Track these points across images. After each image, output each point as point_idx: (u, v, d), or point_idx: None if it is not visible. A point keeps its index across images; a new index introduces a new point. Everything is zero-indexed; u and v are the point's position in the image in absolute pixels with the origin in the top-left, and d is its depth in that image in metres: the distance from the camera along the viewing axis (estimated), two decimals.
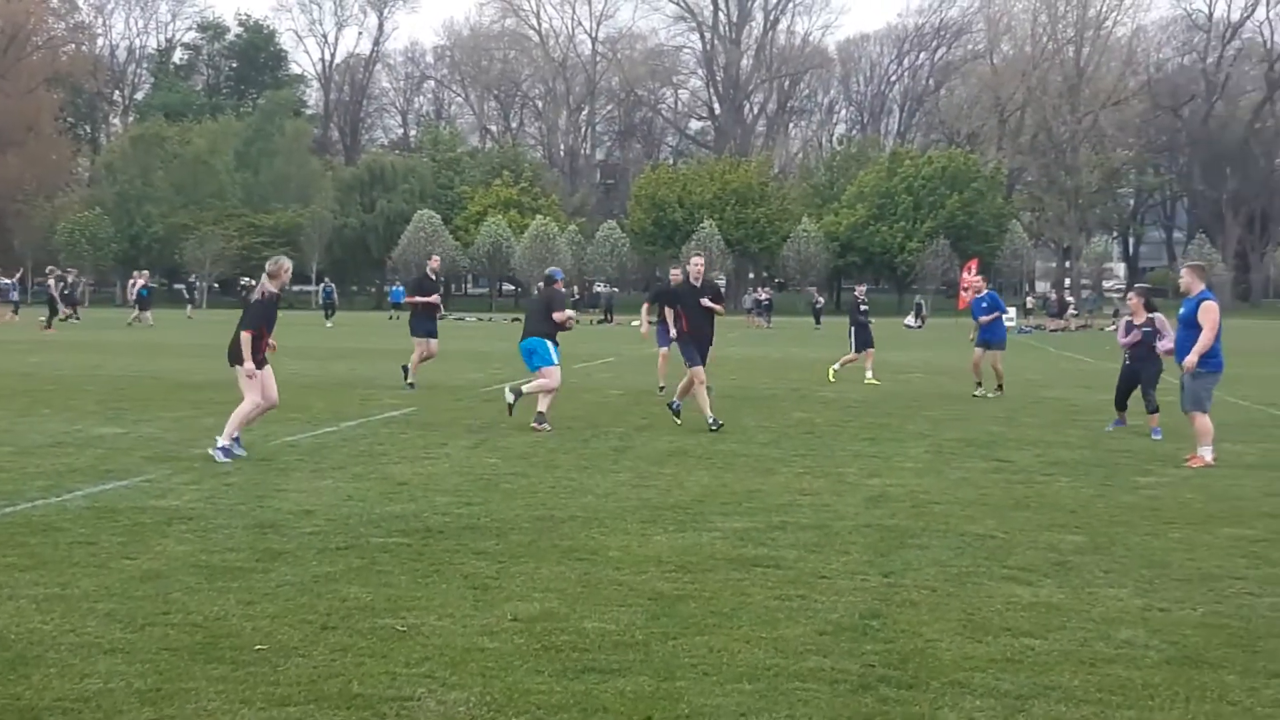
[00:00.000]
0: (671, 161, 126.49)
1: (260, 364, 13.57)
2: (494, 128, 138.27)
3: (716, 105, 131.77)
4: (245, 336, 13.50)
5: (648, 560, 8.60)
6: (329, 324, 59.96)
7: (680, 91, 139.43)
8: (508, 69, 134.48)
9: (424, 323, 22.82)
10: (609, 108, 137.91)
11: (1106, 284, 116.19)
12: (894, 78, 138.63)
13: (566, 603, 7.40)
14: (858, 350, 26.28)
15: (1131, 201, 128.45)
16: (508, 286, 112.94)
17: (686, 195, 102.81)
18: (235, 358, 13.64)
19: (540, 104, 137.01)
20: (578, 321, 19.64)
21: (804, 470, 13.16)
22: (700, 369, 17.03)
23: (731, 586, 7.87)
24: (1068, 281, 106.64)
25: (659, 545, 9.13)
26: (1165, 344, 16.26)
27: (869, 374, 26.02)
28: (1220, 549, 9.30)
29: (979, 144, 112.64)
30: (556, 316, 17.25)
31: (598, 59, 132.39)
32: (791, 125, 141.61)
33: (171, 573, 8.05)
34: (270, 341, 13.87)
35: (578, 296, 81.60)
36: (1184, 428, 15.58)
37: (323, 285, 72.24)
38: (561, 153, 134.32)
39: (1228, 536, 9.78)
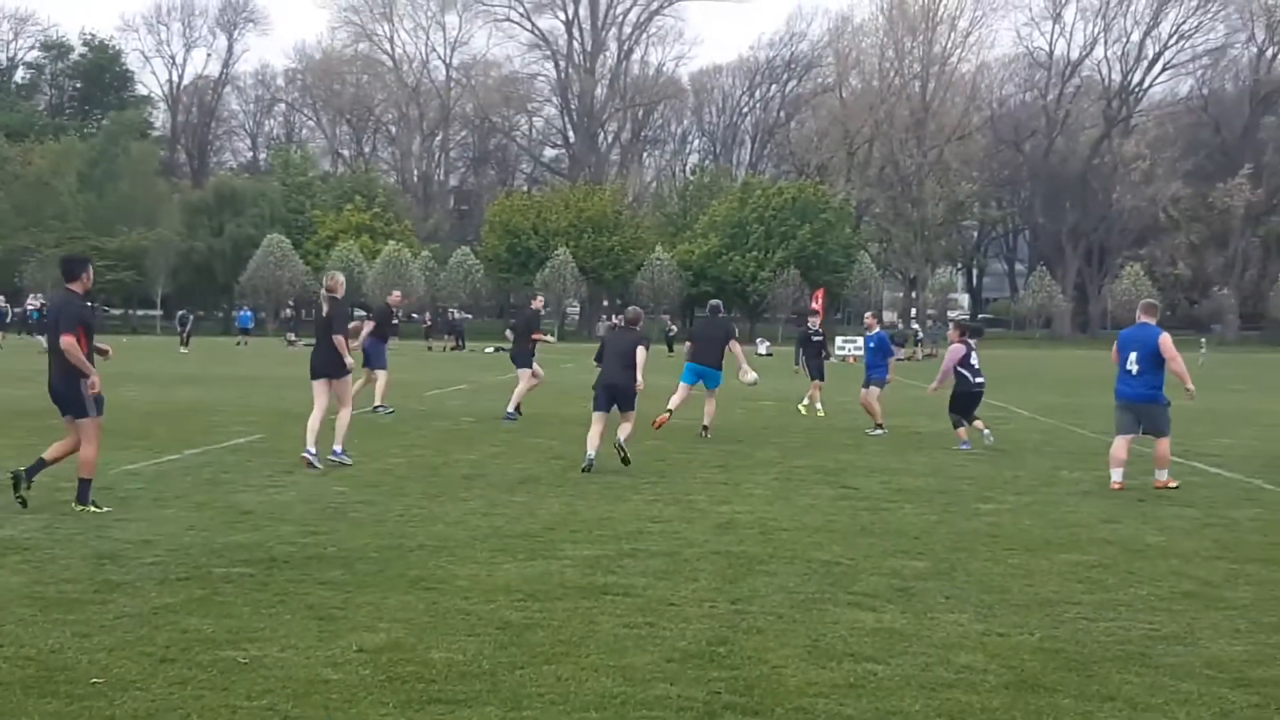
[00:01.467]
0: (526, 188, 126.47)
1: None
2: (346, 152, 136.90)
3: (571, 133, 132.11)
4: (339, 340, 15.26)
5: (497, 589, 8.56)
6: (184, 349, 58.66)
7: (535, 119, 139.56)
8: (360, 93, 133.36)
9: (526, 355, 23.41)
10: (463, 134, 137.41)
11: (951, 314, 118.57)
12: (746, 109, 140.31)
13: (413, 633, 7.34)
14: (814, 378, 25.88)
15: (975, 234, 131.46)
16: (359, 312, 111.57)
17: (541, 222, 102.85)
18: (337, 370, 15.36)
19: (393, 129, 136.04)
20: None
21: (655, 497, 13.22)
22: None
23: (580, 615, 7.87)
24: (914, 312, 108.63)
25: (508, 574, 9.10)
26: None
27: (806, 401, 25.96)
28: (1057, 574, 9.53)
29: (828, 175, 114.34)
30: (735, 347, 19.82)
31: (452, 85, 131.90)
32: (645, 154, 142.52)
33: (4, 604, 7.82)
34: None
35: (429, 323, 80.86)
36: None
37: (180, 313, 70.94)
38: (415, 178, 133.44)
39: (1065, 562, 10.02)
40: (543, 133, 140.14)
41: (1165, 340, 14.71)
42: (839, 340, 70.93)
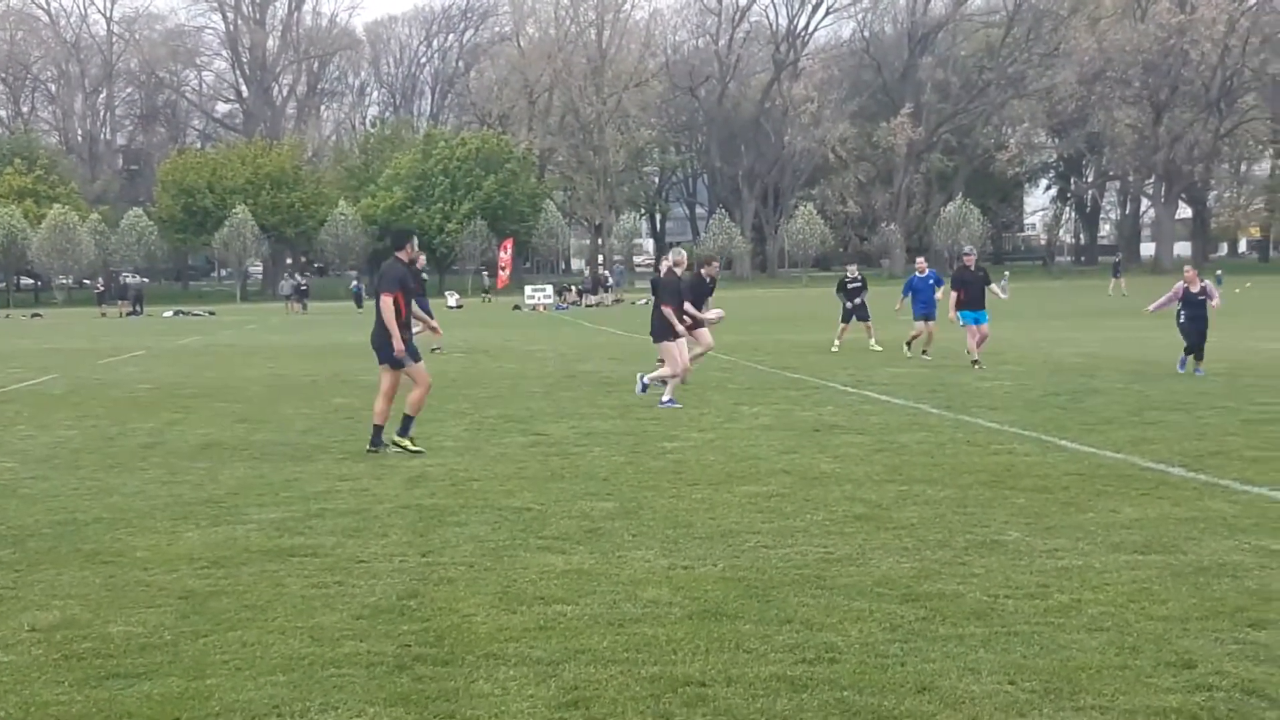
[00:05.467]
0: (199, 145, 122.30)
1: None
2: (3, 113, 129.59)
3: (244, 87, 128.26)
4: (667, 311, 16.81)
5: (178, 558, 8.33)
6: None
7: (205, 73, 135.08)
8: (15, 50, 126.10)
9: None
10: (129, 90, 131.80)
11: (637, 259, 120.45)
12: (424, 59, 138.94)
13: (90, 608, 7.08)
14: (848, 321, 27.89)
15: (656, 179, 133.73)
16: (26, 280, 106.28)
17: (217, 180, 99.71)
18: (664, 334, 16.92)
19: (53, 87, 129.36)
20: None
21: (344, 456, 13.07)
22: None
23: (267, 578, 7.73)
24: (601, 258, 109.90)
25: (190, 542, 8.86)
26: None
27: (873, 341, 27.32)
28: (739, 506, 9.84)
29: (510, 125, 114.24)
30: None
31: (114, 40, 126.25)
32: (323, 107, 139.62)
33: None
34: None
35: (102, 288, 77.45)
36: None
37: None
38: (79, 138, 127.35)
39: (745, 494, 10.36)
40: (214, 87, 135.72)
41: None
42: (527, 290, 71.28)
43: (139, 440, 14.66)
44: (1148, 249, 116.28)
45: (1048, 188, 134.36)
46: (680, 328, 17.15)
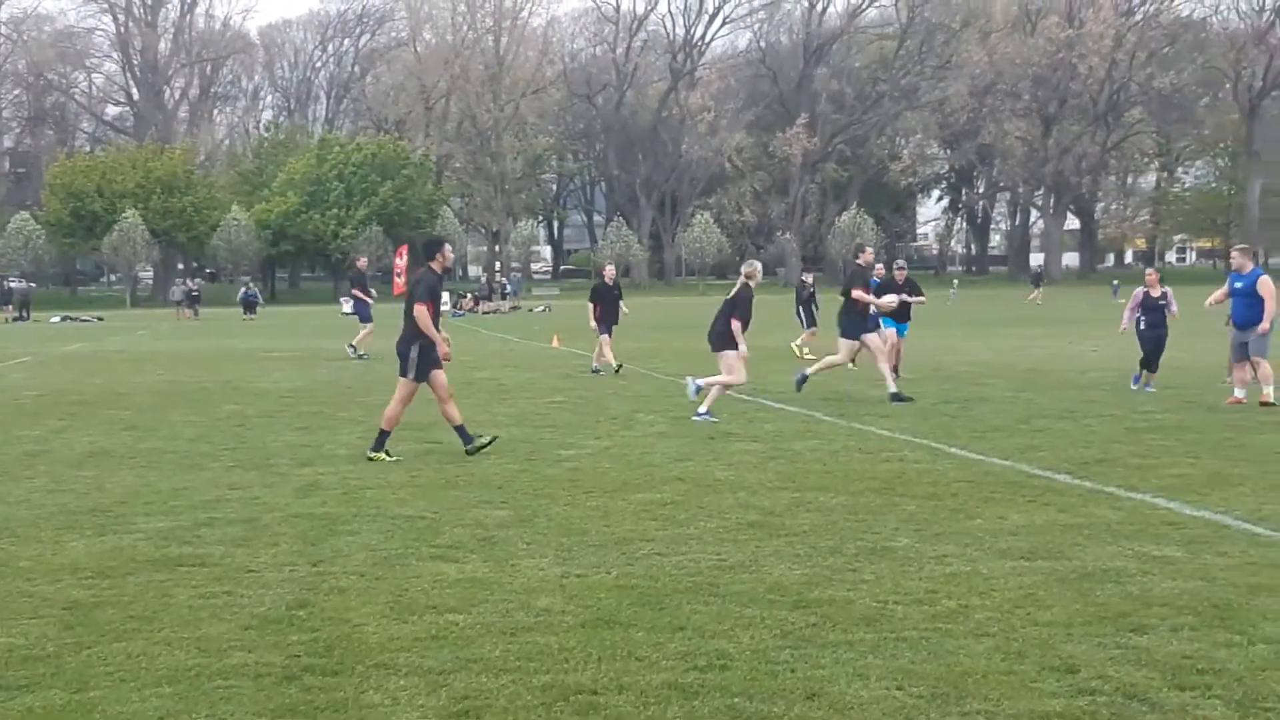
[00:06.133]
0: (89, 149, 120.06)
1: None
2: None
3: (135, 90, 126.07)
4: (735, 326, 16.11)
5: (63, 568, 8.18)
6: None
7: (95, 76, 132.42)
8: None
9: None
10: (16, 92, 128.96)
11: (534, 266, 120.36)
12: (319, 64, 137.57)
13: None
14: (808, 327, 28.18)
15: (554, 186, 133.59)
16: None
17: (106, 184, 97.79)
18: (723, 344, 16.20)
19: None
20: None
21: (234, 464, 12.90)
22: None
23: (154, 588, 7.62)
24: (498, 265, 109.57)
25: (76, 551, 8.70)
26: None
27: (807, 349, 27.36)
28: (633, 514, 9.86)
29: (407, 131, 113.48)
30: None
31: (1, 41, 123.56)
32: (216, 111, 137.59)
33: None
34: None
35: None
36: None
37: None
38: None
39: (640, 501, 10.38)
40: (104, 90, 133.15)
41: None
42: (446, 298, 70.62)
43: (24, 448, 14.37)
44: (1036, 259, 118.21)
45: (940, 198, 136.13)
46: (743, 345, 16.41)
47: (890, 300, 19.51)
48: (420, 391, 13.44)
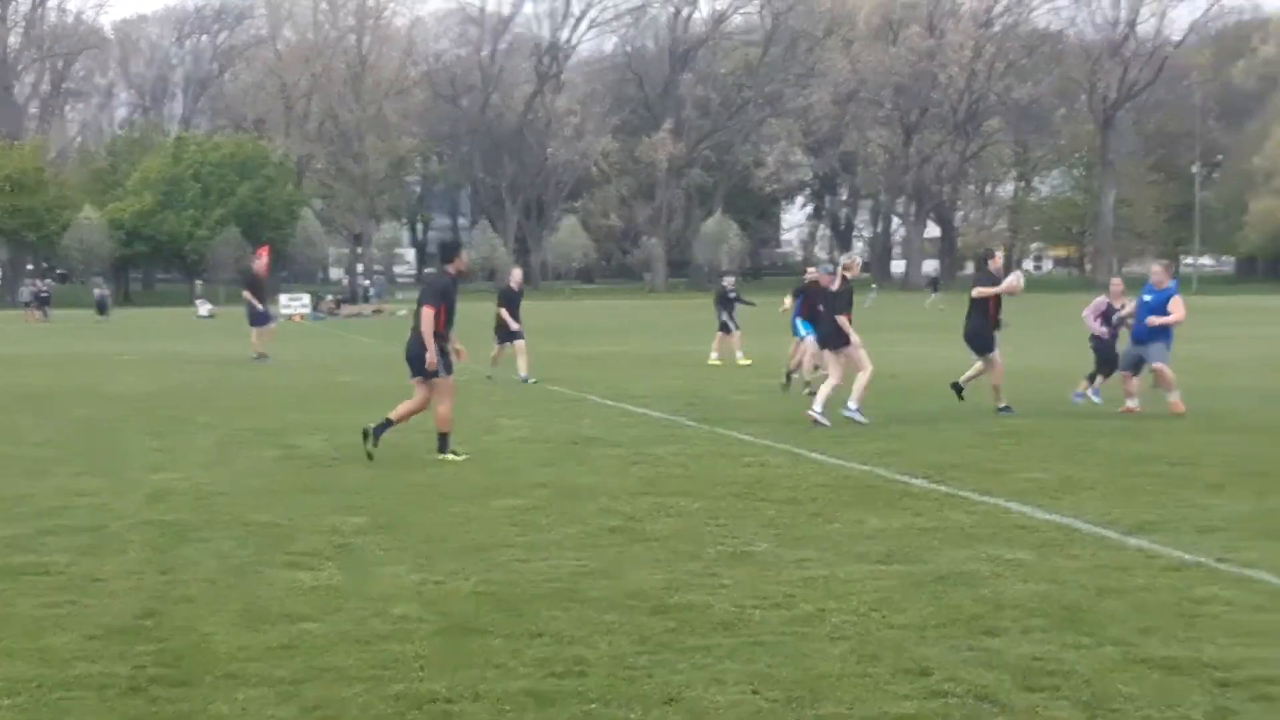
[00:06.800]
0: None
1: None
2: None
3: None
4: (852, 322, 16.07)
5: None
6: None
7: None
8: None
9: None
10: None
11: (398, 269, 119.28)
12: (176, 61, 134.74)
13: None
14: (727, 333, 27.25)
15: (419, 189, 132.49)
16: None
17: None
18: (838, 341, 16.17)
19: None
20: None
21: (82, 470, 12.55)
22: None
23: None
24: (361, 268, 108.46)
25: None
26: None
27: (714, 356, 26.95)
28: (494, 520, 9.78)
29: (267, 130, 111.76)
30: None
31: None
32: (68, 108, 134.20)
33: None
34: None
35: None
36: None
37: None
38: None
39: (501, 508, 10.29)
40: None
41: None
42: (283, 299, 69.79)
43: None
44: (898, 266, 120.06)
45: (804, 205, 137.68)
46: (855, 337, 16.30)
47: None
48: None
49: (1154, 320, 16.89)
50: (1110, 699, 5.58)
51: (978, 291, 17.34)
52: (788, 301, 23.47)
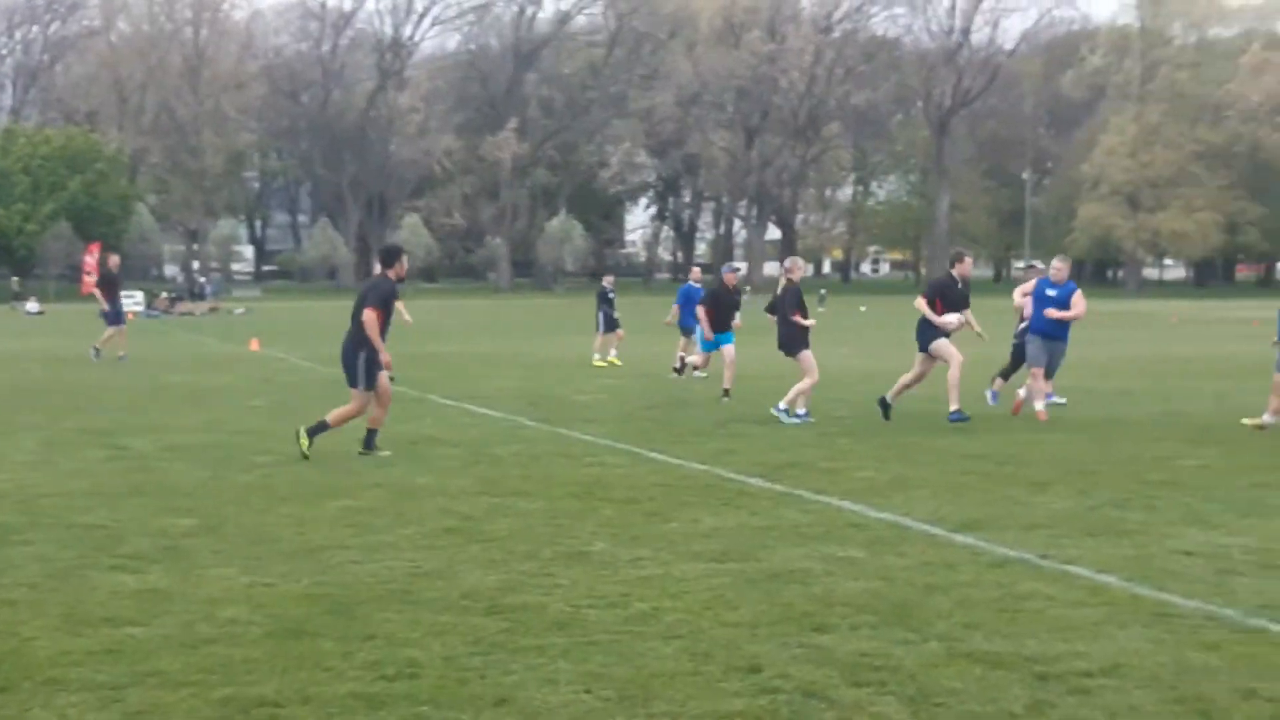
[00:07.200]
0: None
1: None
2: None
3: None
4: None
5: None
6: None
7: None
8: None
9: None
10: None
11: (235, 267, 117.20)
12: (5, 51, 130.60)
13: None
14: (609, 331, 26.58)
15: (257, 185, 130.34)
16: None
17: None
18: (795, 346, 16.48)
19: None
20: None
21: None
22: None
23: None
24: (197, 265, 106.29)
25: None
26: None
27: (613, 353, 26.52)
28: (329, 521, 9.65)
29: (100, 123, 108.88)
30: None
31: None
32: None
33: None
34: None
35: None
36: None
37: None
38: None
39: (337, 508, 10.17)
40: None
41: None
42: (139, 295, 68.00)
43: None
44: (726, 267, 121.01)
45: (647, 206, 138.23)
46: (810, 322, 16.64)
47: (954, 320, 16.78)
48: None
49: (1053, 313, 16.74)
50: (934, 693, 5.70)
51: (921, 300, 16.45)
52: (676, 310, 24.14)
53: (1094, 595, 7.44)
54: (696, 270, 26.54)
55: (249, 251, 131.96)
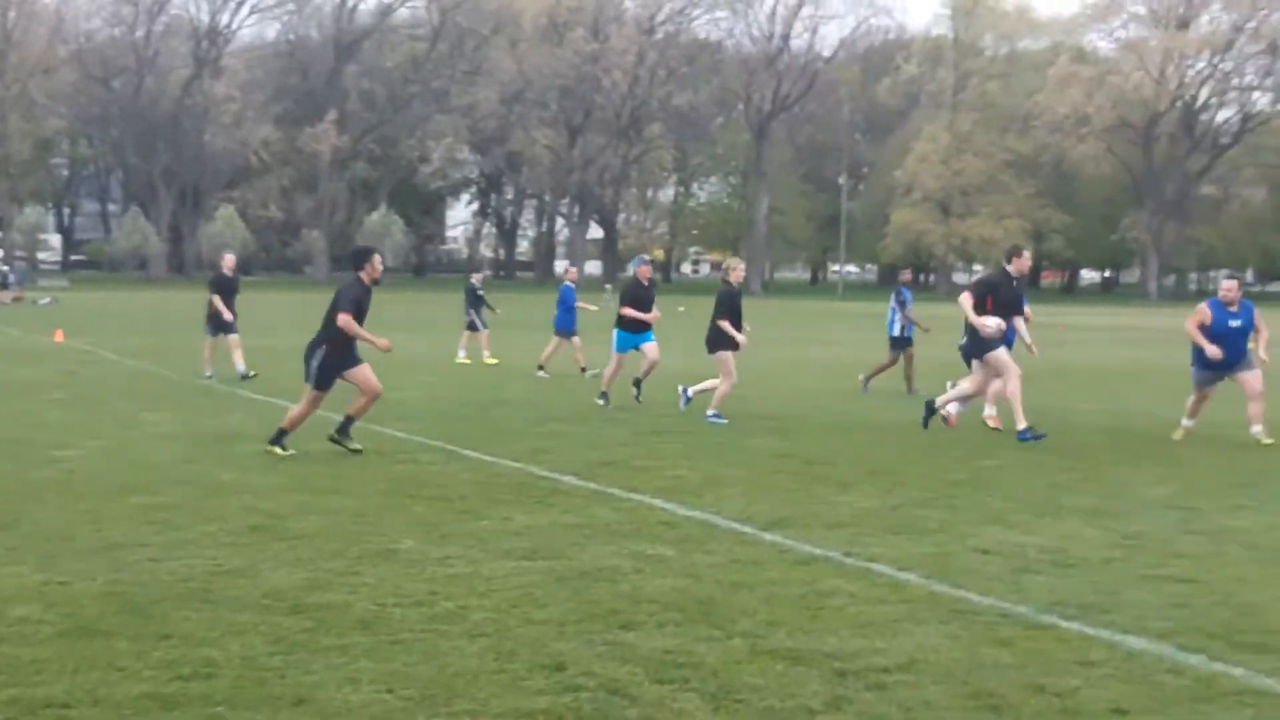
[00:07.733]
0: None
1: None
2: None
3: None
4: None
5: None
6: None
7: None
8: None
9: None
10: None
11: (42, 255, 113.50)
12: None
13: None
14: (481, 329, 26.49)
15: (66, 172, 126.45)
16: None
17: None
18: (718, 345, 16.33)
19: None
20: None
21: None
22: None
23: None
24: (1, 253, 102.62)
25: None
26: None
27: (485, 353, 26.28)
28: (128, 518, 9.41)
29: None
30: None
31: None
32: None
33: None
34: None
35: None
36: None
37: None
38: None
39: (137, 505, 9.91)
40: None
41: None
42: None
43: None
44: (561, 266, 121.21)
45: (470, 202, 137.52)
46: (741, 339, 16.35)
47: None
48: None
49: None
50: (736, 689, 5.77)
51: (965, 297, 14.99)
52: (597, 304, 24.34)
53: (894, 592, 7.61)
54: (573, 271, 26.56)
55: (56, 240, 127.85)
